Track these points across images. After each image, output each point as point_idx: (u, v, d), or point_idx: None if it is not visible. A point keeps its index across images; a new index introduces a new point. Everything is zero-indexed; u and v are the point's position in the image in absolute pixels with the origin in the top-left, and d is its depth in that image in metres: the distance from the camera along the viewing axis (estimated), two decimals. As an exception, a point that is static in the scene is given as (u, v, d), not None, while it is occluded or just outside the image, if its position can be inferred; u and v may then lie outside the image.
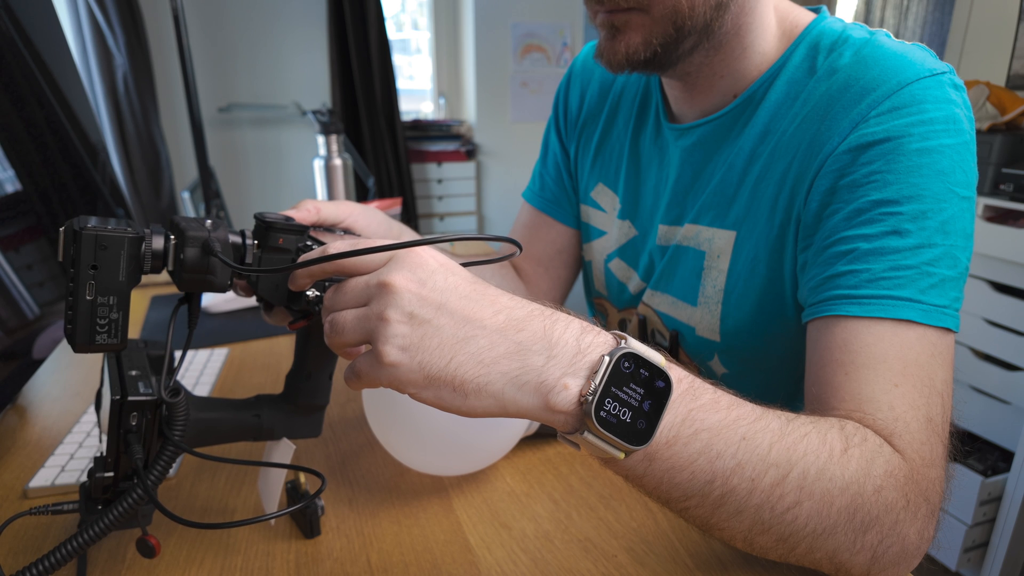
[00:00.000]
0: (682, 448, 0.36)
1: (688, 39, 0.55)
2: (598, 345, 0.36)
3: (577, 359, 0.35)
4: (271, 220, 0.43)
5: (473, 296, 0.36)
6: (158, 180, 2.41)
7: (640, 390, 0.35)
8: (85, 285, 0.36)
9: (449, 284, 0.36)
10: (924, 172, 0.48)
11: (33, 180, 0.73)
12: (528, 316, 0.36)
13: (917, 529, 0.42)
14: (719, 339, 0.64)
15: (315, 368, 0.48)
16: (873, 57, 0.52)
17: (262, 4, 2.60)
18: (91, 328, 0.36)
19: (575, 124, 0.81)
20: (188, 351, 0.88)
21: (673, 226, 0.68)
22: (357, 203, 0.61)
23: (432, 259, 0.36)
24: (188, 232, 0.38)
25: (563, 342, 0.35)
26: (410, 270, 0.36)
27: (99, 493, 0.41)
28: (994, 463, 1.56)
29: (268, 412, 0.47)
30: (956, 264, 0.48)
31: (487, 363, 0.35)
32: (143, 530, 0.42)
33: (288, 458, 0.48)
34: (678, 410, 0.36)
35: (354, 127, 2.76)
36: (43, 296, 0.72)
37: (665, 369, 0.36)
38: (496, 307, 0.36)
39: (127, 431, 0.40)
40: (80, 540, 0.38)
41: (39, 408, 0.74)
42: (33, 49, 0.76)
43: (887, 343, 0.46)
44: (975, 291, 1.56)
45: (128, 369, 0.42)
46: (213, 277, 0.39)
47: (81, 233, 0.35)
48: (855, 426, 0.43)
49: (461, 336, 0.35)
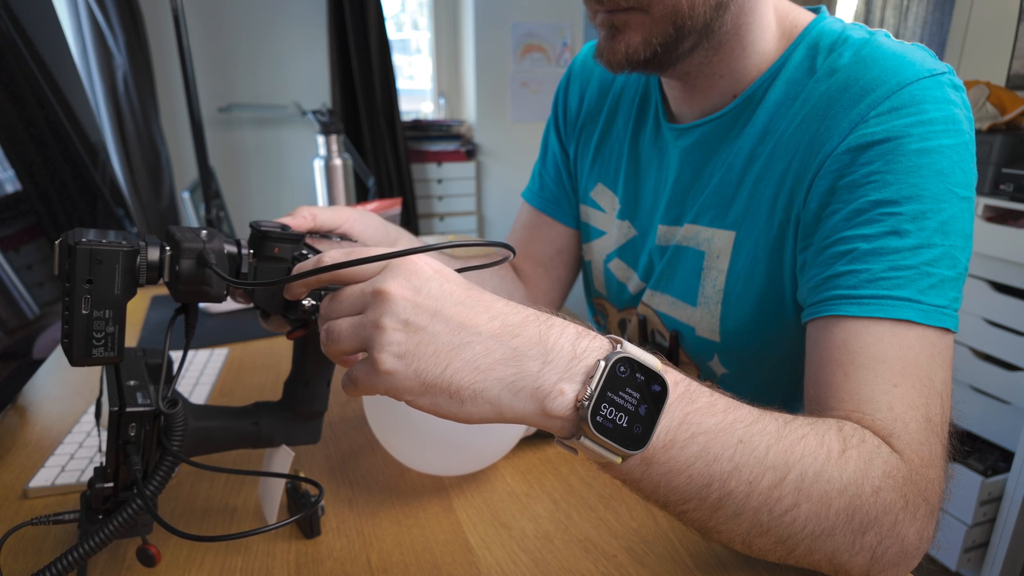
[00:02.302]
0: (679, 452, 0.36)
1: (688, 39, 0.55)
2: (594, 350, 0.36)
3: (573, 364, 0.35)
4: (266, 229, 0.43)
5: (468, 302, 0.36)
6: (158, 180, 2.41)
7: (636, 394, 0.35)
8: (81, 299, 0.36)
9: (444, 291, 0.36)
10: (923, 172, 0.48)
11: (33, 180, 0.73)
12: (523, 321, 0.36)
13: (916, 529, 0.42)
14: (719, 339, 0.64)
15: (313, 375, 0.48)
16: (872, 57, 0.52)
17: (262, 4, 2.60)
18: (87, 342, 0.36)
19: (574, 124, 0.81)
20: (188, 353, 0.88)
21: (672, 226, 0.68)
22: (353, 208, 0.61)
23: (427, 266, 0.37)
24: (183, 244, 0.38)
25: (559, 347, 0.35)
26: (405, 277, 0.36)
27: (99, 503, 0.41)
28: (994, 463, 1.56)
29: (266, 420, 0.48)
30: (955, 264, 0.48)
31: (483, 369, 0.35)
32: (143, 539, 0.42)
33: (287, 465, 0.48)
34: (675, 414, 0.36)
35: (354, 127, 2.76)
36: (43, 296, 0.72)
37: (661, 373, 0.36)
38: (491, 313, 0.36)
39: (126, 442, 0.40)
40: (80, 551, 0.38)
41: (39, 408, 0.74)
42: (33, 49, 0.76)
43: (886, 343, 0.46)
44: (975, 291, 1.55)
45: (126, 379, 0.42)
46: (209, 288, 0.39)
47: (76, 248, 0.35)
48: (853, 427, 0.43)
49: (456, 343, 0.35)
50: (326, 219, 0.58)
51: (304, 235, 0.45)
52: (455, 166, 2.95)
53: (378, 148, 2.79)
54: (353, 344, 0.36)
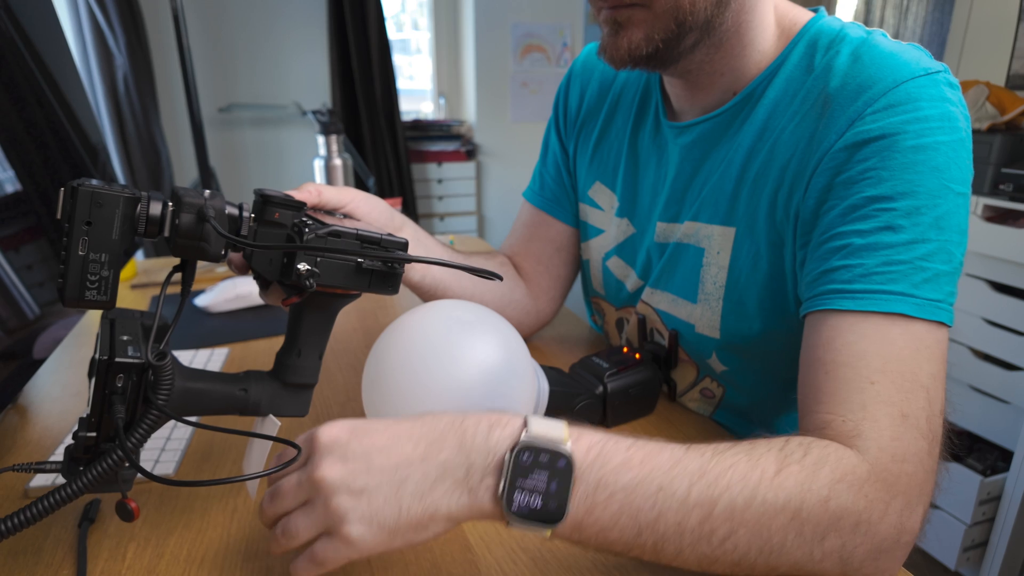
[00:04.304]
0: (602, 512, 0.39)
1: (689, 35, 0.56)
2: (504, 439, 0.39)
3: (489, 460, 0.39)
4: (270, 195, 0.43)
5: (389, 444, 0.39)
6: (158, 180, 2.41)
7: (544, 474, 0.38)
8: (78, 240, 0.37)
9: (365, 447, 0.39)
10: (919, 168, 0.48)
11: (33, 180, 0.73)
12: (442, 436, 0.40)
13: (891, 523, 0.42)
14: (719, 336, 0.65)
15: (306, 345, 0.48)
16: (869, 56, 0.53)
17: (262, 4, 2.60)
18: (81, 283, 0.37)
19: (574, 123, 0.81)
20: (191, 346, 0.88)
21: (671, 223, 0.68)
22: (361, 190, 0.61)
23: (340, 432, 0.40)
24: (184, 199, 0.39)
25: (476, 448, 0.39)
26: (330, 454, 0.39)
27: (80, 453, 0.41)
28: (993, 463, 1.56)
29: (256, 387, 0.47)
30: (951, 259, 0.49)
31: (427, 493, 0.39)
32: (123, 493, 0.42)
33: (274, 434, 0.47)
34: (588, 479, 0.39)
35: (354, 127, 2.76)
36: (43, 296, 0.72)
37: (562, 451, 0.38)
38: (413, 440, 0.40)
39: (112, 392, 0.40)
40: (59, 495, 0.39)
41: (40, 408, 0.74)
42: (33, 49, 0.77)
43: (868, 340, 0.47)
44: (974, 291, 1.56)
45: (120, 334, 0.42)
46: (207, 245, 0.39)
47: (78, 189, 0.36)
48: (799, 442, 0.44)
49: (398, 482, 0.39)
50: (331, 197, 0.58)
51: (304, 204, 0.45)
52: (455, 166, 2.96)
53: (378, 148, 2.80)
54: (314, 532, 0.39)
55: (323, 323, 0.48)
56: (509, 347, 0.53)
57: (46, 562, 0.48)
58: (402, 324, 0.55)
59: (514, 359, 0.53)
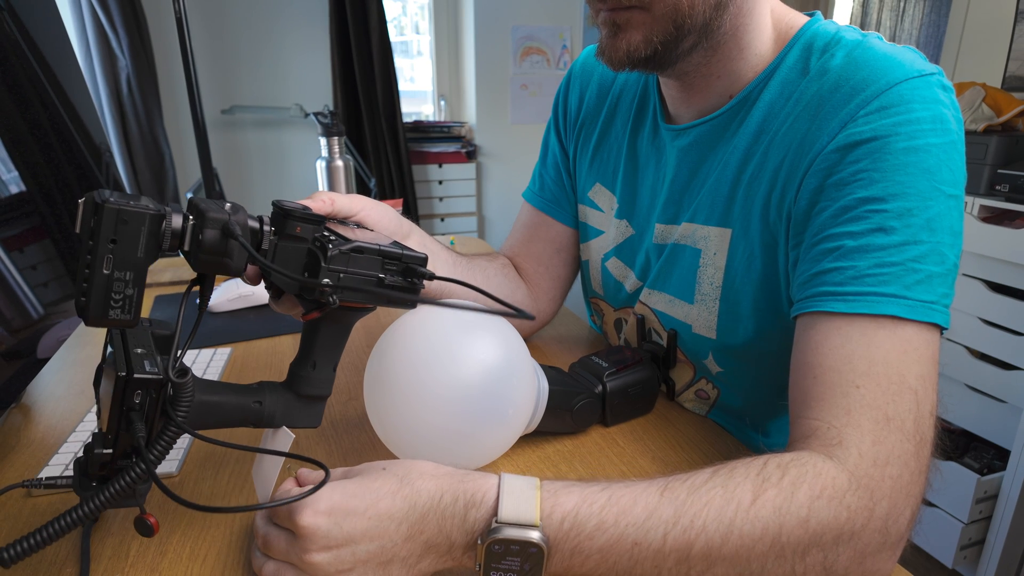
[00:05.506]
0: (579, 569, 0.42)
1: (688, 38, 0.56)
2: (480, 521, 0.42)
3: (467, 540, 0.42)
4: (289, 208, 0.42)
5: (372, 527, 0.42)
6: (162, 182, 2.42)
7: (516, 560, 0.41)
8: (103, 259, 0.35)
9: (347, 533, 0.41)
10: (910, 170, 0.48)
11: (37, 181, 0.74)
12: (423, 517, 0.42)
13: (875, 528, 0.43)
14: (715, 336, 0.65)
15: (321, 358, 0.48)
16: (864, 58, 0.53)
17: (265, 7, 2.61)
18: (105, 302, 0.36)
19: (574, 125, 0.81)
20: (194, 345, 0.88)
21: (670, 225, 0.68)
22: (369, 198, 0.62)
23: (319, 520, 0.41)
24: (209, 213, 0.38)
25: (455, 528, 0.42)
26: (312, 543, 0.41)
27: (96, 470, 0.41)
28: (990, 461, 1.57)
29: (270, 399, 0.47)
30: (943, 261, 0.49)
31: (415, 565, 0.43)
32: (141, 508, 0.42)
33: (287, 447, 0.47)
34: (564, 549, 0.42)
35: (356, 129, 2.77)
36: (47, 296, 0.72)
37: (532, 540, 0.40)
38: (396, 520, 0.42)
39: (130, 408, 0.39)
40: (78, 513, 0.37)
41: (43, 407, 0.75)
42: (37, 51, 0.77)
43: (855, 343, 0.47)
44: (971, 291, 1.56)
45: (133, 347, 0.41)
46: (230, 260, 0.39)
47: (103, 207, 0.35)
48: (778, 462, 0.44)
49: (387, 560, 0.42)
50: (343, 205, 0.58)
51: (325, 218, 0.45)
52: (456, 167, 2.96)
53: (379, 149, 2.81)
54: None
55: (339, 336, 0.48)
56: (509, 347, 0.54)
57: (49, 559, 0.49)
58: (404, 324, 0.55)
59: (514, 359, 0.54)
